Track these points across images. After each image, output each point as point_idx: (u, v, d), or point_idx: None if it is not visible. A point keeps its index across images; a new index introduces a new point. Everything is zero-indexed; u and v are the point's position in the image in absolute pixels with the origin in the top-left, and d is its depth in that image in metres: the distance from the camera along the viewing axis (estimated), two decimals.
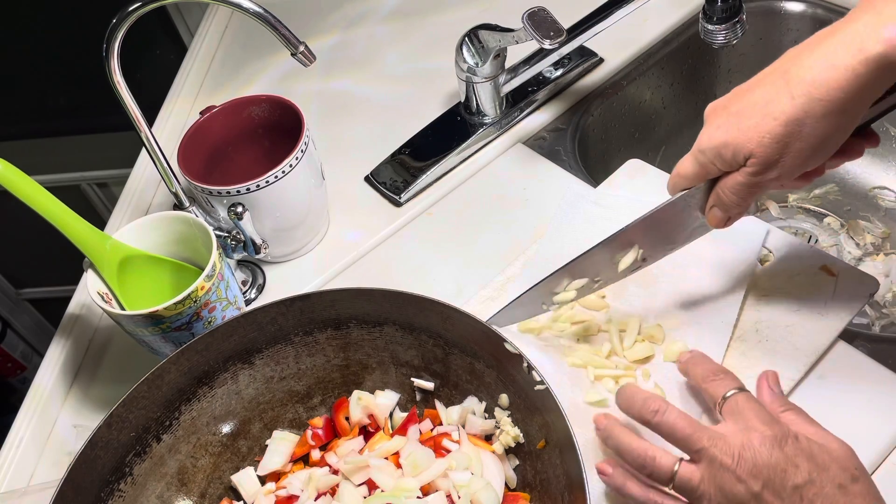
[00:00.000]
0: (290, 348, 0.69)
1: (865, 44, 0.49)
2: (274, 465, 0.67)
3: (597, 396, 0.65)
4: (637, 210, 0.66)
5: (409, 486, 0.60)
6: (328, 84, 1.06)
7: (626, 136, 1.02)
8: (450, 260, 0.82)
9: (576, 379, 0.67)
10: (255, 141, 0.86)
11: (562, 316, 0.71)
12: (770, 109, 0.54)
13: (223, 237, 0.79)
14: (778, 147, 0.54)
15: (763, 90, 0.55)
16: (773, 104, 0.54)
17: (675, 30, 1.00)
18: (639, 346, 0.68)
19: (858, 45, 0.50)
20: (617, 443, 0.58)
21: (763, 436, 0.52)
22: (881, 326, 0.88)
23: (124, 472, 0.63)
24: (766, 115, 0.54)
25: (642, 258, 0.67)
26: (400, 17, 1.14)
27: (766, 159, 0.55)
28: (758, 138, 0.55)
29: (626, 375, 0.67)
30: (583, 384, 0.67)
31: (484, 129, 0.92)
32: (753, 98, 0.55)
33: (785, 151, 0.54)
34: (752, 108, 0.55)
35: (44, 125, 1.62)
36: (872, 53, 0.49)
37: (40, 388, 0.83)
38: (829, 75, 0.51)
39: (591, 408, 0.65)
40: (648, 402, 0.56)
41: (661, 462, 0.55)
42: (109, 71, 0.70)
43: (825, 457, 0.52)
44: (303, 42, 0.70)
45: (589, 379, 0.67)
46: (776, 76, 0.54)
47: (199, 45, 1.18)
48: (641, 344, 0.69)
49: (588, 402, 0.66)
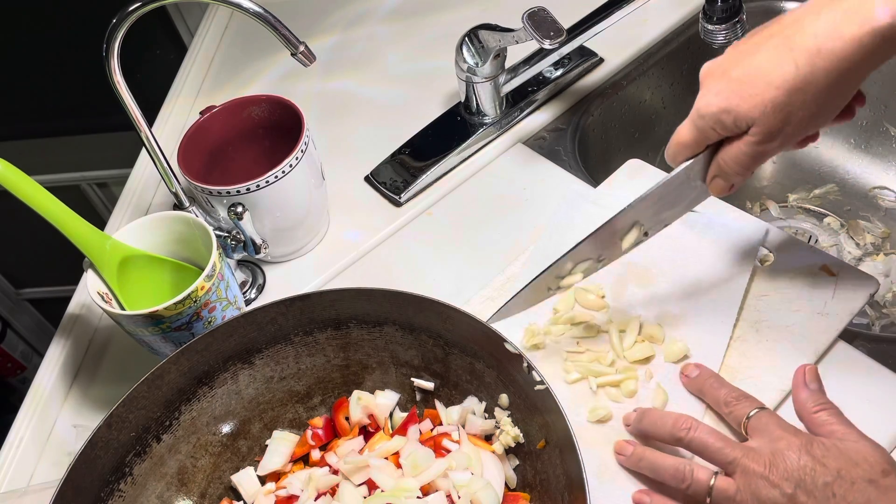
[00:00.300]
0: (290, 348, 0.69)
1: (872, 14, 0.49)
2: (274, 465, 0.67)
3: (601, 412, 0.65)
4: None
5: (409, 486, 0.60)
6: (328, 84, 1.06)
7: (626, 136, 1.02)
8: (450, 260, 0.82)
9: (577, 395, 0.67)
10: (255, 141, 0.86)
11: (561, 318, 0.71)
12: (773, 77, 0.53)
13: (223, 237, 0.79)
14: (781, 115, 0.54)
15: (765, 55, 0.53)
16: (776, 71, 0.53)
17: (675, 30, 1.00)
18: (639, 347, 0.68)
19: (865, 14, 0.49)
20: (652, 463, 0.59)
21: (790, 443, 0.54)
22: (881, 326, 0.88)
23: (124, 472, 0.63)
24: (769, 83, 0.53)
25: (644, 233, 0.67)
26: (400, 17, 1.14)
27: (769, 128, 0.54)
28: (761, 106, 0.54)
29: (628, 378, 0.67)
30: (585, 399, 0.67)
31: (484, 129, 0.92)
32: (755, 63, 0.54)
33: (787, 120, 0.54)
34: (754, 75, 0.54)
35: (44, 125, 1.62)
36: (880, 25, 0.48)
37: (40, 388, 0.83)
38: (835, 45, 0.50)
39: (597, 426, 0.65)
40: (679, 422, 0.58)
41: (698, 476, 0.56)
42: (109, 71, 0.70)
43: (854, 454, 0.53)
44: (303, 42, 0.70)
45: (591, 390, 0.67)
46: (778, 41, 0.53)
47: (199, 45, 1.18)
48: (641, 344, 0.69)
49: (591, 421, 0.65)
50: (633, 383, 0.66)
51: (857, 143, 1.01)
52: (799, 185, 1.01)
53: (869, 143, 1.01)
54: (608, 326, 0.70)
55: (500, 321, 0.73)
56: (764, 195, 1.01)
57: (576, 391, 0.67)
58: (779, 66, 0.52)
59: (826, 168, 1.02)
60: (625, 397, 0.66)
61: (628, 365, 0.68)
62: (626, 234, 0.67)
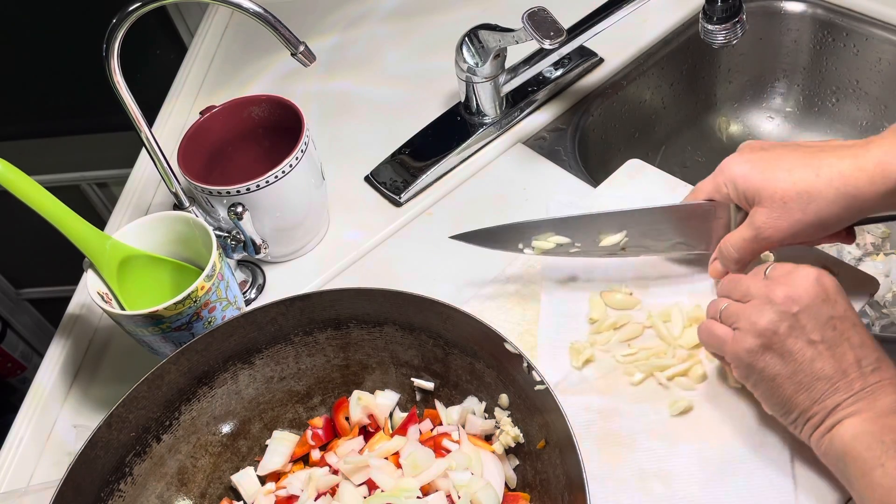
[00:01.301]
0: (290, 348, 0.69)
1: (891, 164, 0.57)
2: (274, 465, 0.67)
3: (682, 404, 0.64)
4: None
5: (409, 486, 0.60)
6: (328, 84, 1.06)
7: (626, 136, 1.02)
8: (450, 260, 0.82)
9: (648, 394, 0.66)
10: (255, 141, 0.86)
11: (603, 326, 0.70)
12: (794, 175, 0.60)
13: (223, 237, 0.79)
14: (783, 208, 0.61)
15: (797, 157, 0.61)
16: (798, 172, 0.60)
17: (675, 30, 1.00)
18: (689, 332, 0.68)
19: (884, 161, 0.57)
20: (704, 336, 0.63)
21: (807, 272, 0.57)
22: (881, 326, 0.88)
23: (124, 472, 0.63)
24: (789, 176, 0.60)
25: (622, 247, 0.69)
26: (400, 17, 1.14)
27: (769, 214, 0.61)
28: (771, 189, 0.61)
29: (693, 363, 0.66)
30: (659, 396, 0.66)
31: (484, 129, 0.92)
32: (787, 157, 0.61)
33: (786, 214, 0.61)
34: (781, 165, 0.61)
35: (44, 125, 1.62)
36: (894, 173, 0.57)
37: (40, 388, 0.83)
38: (853, 173, 0.58)
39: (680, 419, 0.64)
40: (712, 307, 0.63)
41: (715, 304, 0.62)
42: (109, 71, 0.70)
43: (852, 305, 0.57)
44: (303, 42, 0.70)
45: (662, 385, 0.66)
46: (813, 152, 0.61)
47: (199, 45, 1.18)
48: (690, 328, 0.68)
49: (674, 415, 0.64)
50: (699, 367, 0.66)
51: None
52: None
53: None
54: (650, 321, 0.70)
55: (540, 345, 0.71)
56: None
57: (646, 391, 0.66)
58: (802, 170, 0.60)
59: None
60: (696, 384, 0.65)
61: (686, 352, 0.67)
62: (609, 235, 0.68)
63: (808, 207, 0.60)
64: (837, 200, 0.59)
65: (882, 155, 0.57)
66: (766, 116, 1.08)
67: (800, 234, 0.62)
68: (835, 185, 0.58)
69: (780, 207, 0.61)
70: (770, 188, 0.61)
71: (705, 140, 1.08)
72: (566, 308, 0.72)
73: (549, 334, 0.71)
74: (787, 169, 0.60)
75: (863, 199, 0.58)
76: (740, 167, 0.63)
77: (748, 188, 0.62)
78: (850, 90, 1.00)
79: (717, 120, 1.09)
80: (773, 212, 0.61)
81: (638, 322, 0.70)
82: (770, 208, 0.61)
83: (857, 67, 0.98)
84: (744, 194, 0.63)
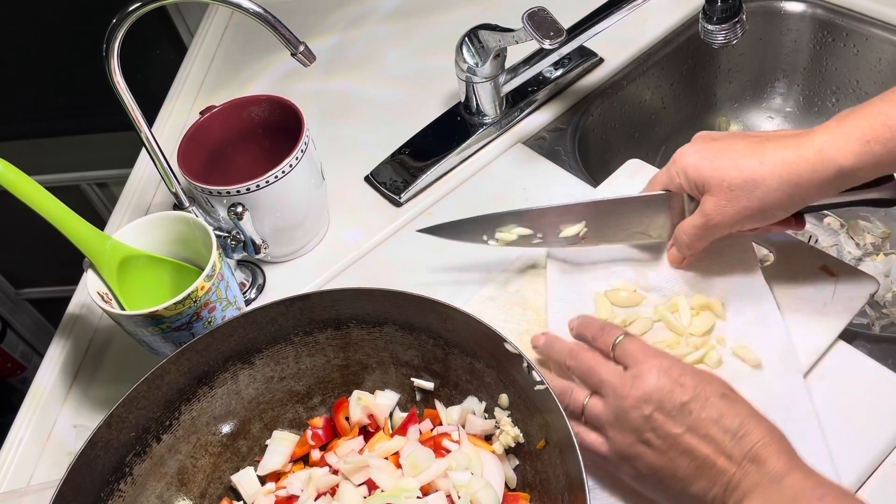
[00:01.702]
0: (290, 348, 0.69)
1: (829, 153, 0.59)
2: (274, 465, 0.67)
3: None
4: None
5: (409, 486, 0.60)
6: (328, 84, 1.06)
7: (626, 136, 1.02)
8: (450, 260, 0.82)
9: None
10: (255, 141, 0.86)
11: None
12: (740, 163, 0.62)
13: (223, 237, 0.79)
14: (730, 196, 0.63)
15: (743, 146, 0.63)
16: (744, 160, 0.62)
17: (675, 30, 1.00)
18: (698, 320, 0.69)
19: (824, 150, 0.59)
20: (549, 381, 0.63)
21: (651, 365, 0.57)
22: (881, 326, 0.88)
23: (124, 472, 0.63)
24: (735, 165, 0.62)
25: (582, 236, 0.71)
26: (400, 17, 1.14)
27: (717, 202, 0.64)
28: (719, 178, 0.63)
29: (708, 350, 0.66)
30: None
31: (484, 129, 0.92)
32: (734, 147, 0.63)
33: (733, 203, 0.63)
34: (728, 154, 0.63)
35: (44, 125, 1.62)
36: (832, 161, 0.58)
37: (40, 388, 0.83)
38: (795, 161, 0.60)
39: None
40: (571, 349, 0.63)
41: (576, 396, 0.61)
42: (109, 71, 0.70)
43: (707, 374, 0.57)
44: (303, 42, 0.70)
45: None
46: (759, 142, 0.63)
47: (199, 45, 1.18)
48: (698, 316, 0.69)
49: None
50: (714, 353, 0.66)
51: None
52: None
53: None
54: (658, 314, 0.70)
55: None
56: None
57: None
58: (748, 158, 0.62)
59: None
60: (714, 368, 0.66)
61: (699, 339, 0.68)
62: (569, 226, 0.71)
63: (753, 195, 0.62)
64: (781, 188, 0.60)
65: (822, 143, 0.59)
66: (766, 116, 1.08)
67: (747, 221, 0.64)
68: (777, 172, 0.60)
69: (727, 195, 0.63)
70: (718, 177, 0.63)
71: None
72: (573, 310, 0.72)
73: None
74: (734, 158, 0.62)
75: (804, 186, 0.60)
76: (690, 157, 0.65)
77: (698, 177, 0.65)
78: (850, 90, 1.00)
79: (717, 120, 1.09)
80: (720, 199, 0.63)
81: (647, 317, 0.70)
82: (718, 196, 0.63)
83: (857, 67, 0.98)
84: (694, 183, 0.65)
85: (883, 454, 0.61)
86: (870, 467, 0.61)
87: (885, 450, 0.61)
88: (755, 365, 0.65)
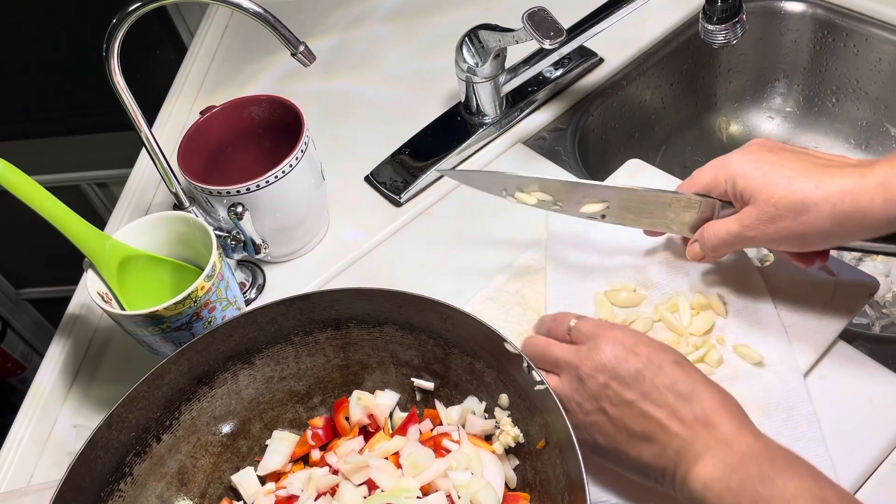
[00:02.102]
0: (290, 348, 0.69)
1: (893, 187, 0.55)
2: (274, 465, 0.67)
3: None
4: None
5: (409, 486, 0.60)
6: (328, 84, 1.06)
7: (626, 136, 1.02)
8: (450, 260, 0.82)
9: None
10: (255, 141, 0.86)
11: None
12: (795, 183, 0.59)
13: (223, 237, 0.79)
14: (773, 213, 0.60)
15: (801, 166, 0.60)
16: (799, 180, 0.59)
17: (675, 30, 1.00)
18: (698, 319, 0.69)
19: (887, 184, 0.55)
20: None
21: (604, 337, 0.58)
22: (881, 326, 0.88)
23: (124, 472, 0.63)
24: (790, 183, 0.59)
25: (602, 214, 0.70)
26: (400, 17, 1.14)
27: (759, 216, 0.61)
28: (768, 193, 0.60)
29: (708, 349, 0.66)
30: None
31: (484, 129, 0.92)
32: (791, 165, 0.60)
33: (775, 220, 0.60)
34: (784, 171, 0.60)
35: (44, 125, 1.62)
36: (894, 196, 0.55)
37: (40, 388, 0.83)
38: (853, 191, 0.56)
39: None
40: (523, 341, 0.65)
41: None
42: (109, 71, 0.70)
43: (661, 343, 0.58)
44: (303, 42, 0.70)
45: None
46: (818, 165, 0.59)
47: (199, 45, 1.18)
48: (698, 316, 0.69)
49: None
50: (715, 352, 0.66)
51: (857, 143, 1.01)
52: None
53: (869, 143, 1.01)
54: (658, 314, 0.70)
55: None
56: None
57: None
58: (804, 179, 0.59)
59: None
60: (715, 368, 0.66)
61: (699, 339, 0.68)
62: (591, 203, 0.70)
63: (800, 218, 0.59)
64: (831, 216, 0.57)
65: (885, 176, 0.56)
66: (766, 116, 1.08)
67: (783, 242, 0.61)
68: (832, 200, 0.57)
69: (771, 212, 0.60)
70: (767, 192, 0.60)
71: (705, 140, 1.08)
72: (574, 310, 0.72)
73: None
74: (789, 176, 0.59)
75: (856, 219, 0.57)
76: (743, 166, 0.62)
77: (746, 188, 0.62)
78: (850, 90, 1.00)
79: (717, 120, 1.09)
80: (762, 215, 0.61)
81: (647, 317, 0.70)
82: (761, 211, 0.61)
83: (857, 67, 0.98)
84: (741, 193, 0.62)
85: (883, 454, 0.62)
86: (870, 467, 0.61)
87: (885, 450, 0.62)
88: (757, 363, 0.65)
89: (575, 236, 0.77)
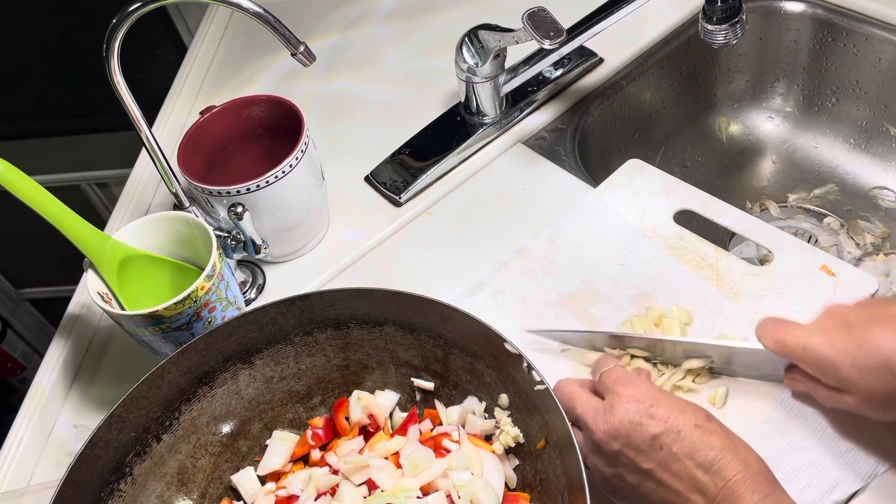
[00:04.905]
0: (290, 348, 0.69)
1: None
2: (274, 465, 0.67)
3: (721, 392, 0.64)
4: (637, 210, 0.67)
5: (409, 486, 0.60)
6: (328, 84, 1.06)
7: (626, 136, 1.02)
8: (450, 260, 0.82)
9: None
10: (255, 141, 0.86)
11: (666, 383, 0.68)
12: (891, 362, 0.52)
13: (223, 237, 0.79)
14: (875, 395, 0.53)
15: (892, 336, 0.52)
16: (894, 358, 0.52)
17: (675, 30, 1.00)
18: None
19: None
20: None
21: (622, 396, 0.56)
22: None
23: (124, 472, 0.63)
24: (885, 365, 0.52)
25: (709, 367, 0.66)
26: (400, 17, 1.14)
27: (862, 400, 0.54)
28: (867, 382, 0.53)
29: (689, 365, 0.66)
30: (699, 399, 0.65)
31: (484, 129, 0.92)
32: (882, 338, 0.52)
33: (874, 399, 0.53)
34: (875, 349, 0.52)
35: (44, 125, 1.62)
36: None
37: (40, 388, 0.83)
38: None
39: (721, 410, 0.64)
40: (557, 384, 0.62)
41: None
42: (109, 71, 0.70)
43: (681, 402, 0.55)
44: (303, 42, 0.70)
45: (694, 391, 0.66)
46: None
47: (199, 45, 1.18)
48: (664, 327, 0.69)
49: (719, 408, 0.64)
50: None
51: (856, 143, 1.01)
52: (799, 185, 1.01)
53: (869, 143, 1.01)
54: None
55: None
56: (764, 195, 1.02)
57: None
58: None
59: (826, 168, 1.02)
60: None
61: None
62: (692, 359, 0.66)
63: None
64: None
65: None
66: (766, 116, 1.08)
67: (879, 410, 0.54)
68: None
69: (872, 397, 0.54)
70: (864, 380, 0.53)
71: (705, 140, 1.08)
72: None
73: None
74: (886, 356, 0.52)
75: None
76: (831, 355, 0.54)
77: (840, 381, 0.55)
78: (850, 90, 1.00)
79: (717, 120, 1.09)
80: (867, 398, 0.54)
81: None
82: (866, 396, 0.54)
83: (857, 67, 0.98)
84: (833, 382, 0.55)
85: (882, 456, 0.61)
86: (869, 470, 0.61)
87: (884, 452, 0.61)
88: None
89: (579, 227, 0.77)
